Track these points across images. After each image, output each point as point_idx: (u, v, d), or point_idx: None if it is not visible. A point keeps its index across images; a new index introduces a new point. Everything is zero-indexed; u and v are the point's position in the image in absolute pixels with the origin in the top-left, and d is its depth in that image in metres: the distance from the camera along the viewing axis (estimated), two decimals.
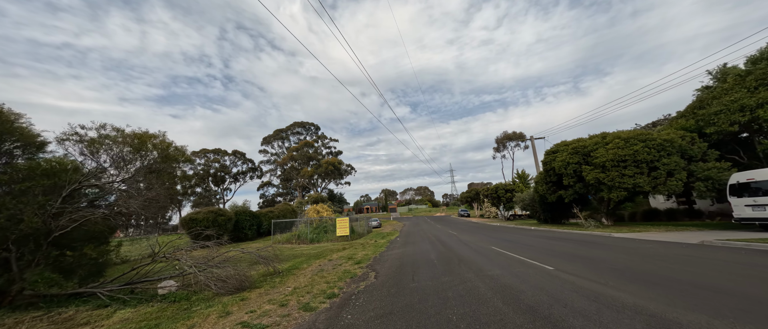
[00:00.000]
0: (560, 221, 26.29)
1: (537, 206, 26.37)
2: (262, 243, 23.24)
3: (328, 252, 16.30)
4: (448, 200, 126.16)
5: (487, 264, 9.44)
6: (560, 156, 20.17)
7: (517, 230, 22.29)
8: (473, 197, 54.45)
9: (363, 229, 30.35)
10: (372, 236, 25.52)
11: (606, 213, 20.17)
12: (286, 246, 21.58)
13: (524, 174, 50.21)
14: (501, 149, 63.32)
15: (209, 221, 21.43)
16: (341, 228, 23.38)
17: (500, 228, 25.51)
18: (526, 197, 28.02)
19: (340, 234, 23.28)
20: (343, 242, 21.61)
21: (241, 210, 26.22)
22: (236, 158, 74.66)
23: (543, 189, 22.37)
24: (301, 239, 23.23)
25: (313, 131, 70.07)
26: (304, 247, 20.41)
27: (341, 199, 59.22)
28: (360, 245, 18.64)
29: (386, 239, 21.65)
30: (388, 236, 24.88)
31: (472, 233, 22.42)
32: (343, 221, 23.57)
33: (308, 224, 24.07)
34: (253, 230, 26.55)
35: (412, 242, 18.56)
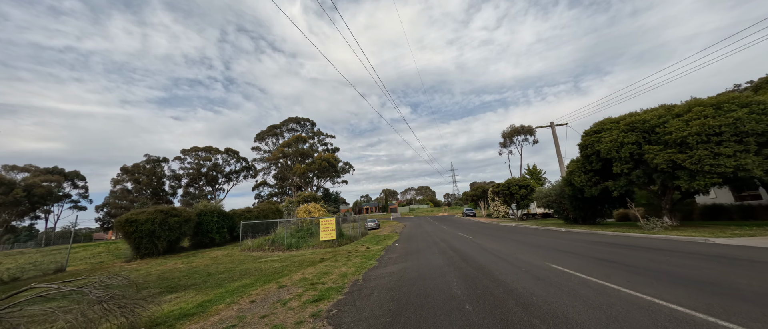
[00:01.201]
0: (593, 221, 21.10)
1: (566, 203, 21.16)
2: (223, 251, 18.15)
3: (294, 267, 11.17)
4: (450, 199, 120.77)
5: (590, 313, 4.29)
6: (608, 136, 14.99)
7: (550, 234, 17.08)
8: (479, 196, 49.21)
9: (356, 231, 25.21)
10: (365, 241, 20.39)
11: (669, 210, 14.95)
12: (252, 255, 16.49)
13: (535, 169, 44.99)
14: (507, 145, 58.07)
15: (155, 222, 16.35)
16: (325, 231, 18.25)
17: (524, 231, 20.30)
18: (550, 192, 22.81)
19: (325, 239, 18.16)
20: (326, 249, 16.51)
21: (206, 209, 21.11)
22: (229, 156, 69.74)
23: (580, 180, 17.17)
24: (277, 244, 18.12)
25: (308, 127, 65.05)
26: (274, 257, 15.31)
27: (337, 199, 54.07)
28: (345, 255, 13.53)
29: (381, 245, 16.52)
30: (385, 240, 19.72)
31: (492, 237, 17.20)
32: (328, 222, 18.46)
33: (287, 226, 18.94)
34: (223, 233, 21.44)
35: (415, 250, 13.38)
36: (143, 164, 63.05)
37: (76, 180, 65.46)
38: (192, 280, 9.84)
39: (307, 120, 64.72)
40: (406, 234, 23.71)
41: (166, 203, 61.45)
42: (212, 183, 68.70)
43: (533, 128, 54.56)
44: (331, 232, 18.19)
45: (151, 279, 10.58)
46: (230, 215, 23.24)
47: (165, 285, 9.34)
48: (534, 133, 54.71)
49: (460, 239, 16.39)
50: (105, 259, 17.23)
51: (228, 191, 70.95)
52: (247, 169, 71.42)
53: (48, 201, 52.32)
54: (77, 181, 65.80)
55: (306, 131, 63.09)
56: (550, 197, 22.56)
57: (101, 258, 17.51)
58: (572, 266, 7.56)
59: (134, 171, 61.31)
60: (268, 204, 28.79)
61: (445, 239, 16.98)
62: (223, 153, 68.59)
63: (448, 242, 15.64)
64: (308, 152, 53.64)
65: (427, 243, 15.68)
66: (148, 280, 10.41)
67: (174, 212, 17.52)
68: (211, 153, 67.27)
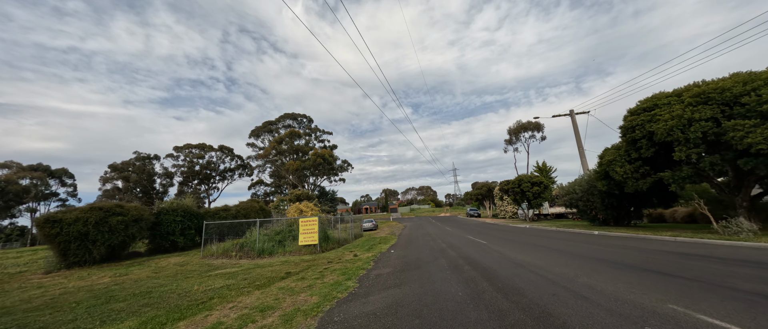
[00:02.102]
0: (627, 223, 17.44)
1: (595, 201, 17.48)
2: (179, 258, 14.58)
3: (240, 287, 7.56)
4: (452, 200, 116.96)
5: None
6: (666, 112, 11.33)
7: (586, 240, 13.42)
8: (485, 195, 45.48)
9: (348, 234, 21.60)
10: (356, 245, 16.78)
11: (748, 208, 11.26)
12: (211, 263, 12.93)
13: (545, 167, 41.24)
14: (513, 142, 54.32)
15: (88, 223, 12.78)
16: (305, 234, 14.65)
17: (546, 234, 16.64)
18: (573, 188, 19.13)
19: (304, 243, 14.56)
20: (304, 257, 12.94)
21: (169, 207, 17.56)
22: (223, 153, 66.29)
23: (623, 172, 13.49)
24: (246, 250, 14.53)
25: (305, 123, 61.52)
26: (234, 267, 11.75)
27: (334, 198, 50.42)
28: (321, 267, 9.95)
29: (374, 252, 12.91)
30: (379, 245, 16.10)
31: (512, 243, 13.54)
32: (308, 223, 14.86)
33: (259, 228, 15.34)
34: (191, 235, 17.87)
35: (416, 263, 9.74)
36: (133, 161, 59.71)
37: (64, 178, 62.23)
38: (71, 313, 6.28)
39: (304, 116, 61.21)
40: (405, 238, 20.05)
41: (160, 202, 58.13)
42: (206, 182, 65.29)
43: (541, 124, 50.83)
44: (313, 235, 14.59)
45: (25, 307, 7.02)
46: (201, 214, 19.67)
47: (19, 321, 5.77)
48: (542, 129, 50.99)
49: (472, 246, 12.73)
50: (32, 268, 13.69)
51: (222, 190, 67.55)
52: (243, 167, 67.98)
53: (25, 199, 48.88)
54: (65, 179, 62.57)
55: (303, 128, 59.56)
56: (575, 194, 18.87)
57: (28, 267, 13.97)
58: (713, 310, 3.92)
59: (123, 169, 57.95)
60: (251, 202, 25.21)
61: (453, 245, 13.33)
62: (216, 150, 65.15)
63: (457, 249, 11.98)
64: (304, 149, 50.07)
65: (432, 251, 12.03)
66: (17, 309, 6.88)
67: (117, 211, 13.94)
68: (205, 150, 63.82)
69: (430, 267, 8.48)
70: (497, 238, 15.33)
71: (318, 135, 59.83)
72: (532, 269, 7.25)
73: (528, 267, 7.48)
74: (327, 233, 16.31)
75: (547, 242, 12.38)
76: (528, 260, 8.56)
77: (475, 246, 12.43)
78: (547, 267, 7.42)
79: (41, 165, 60.12)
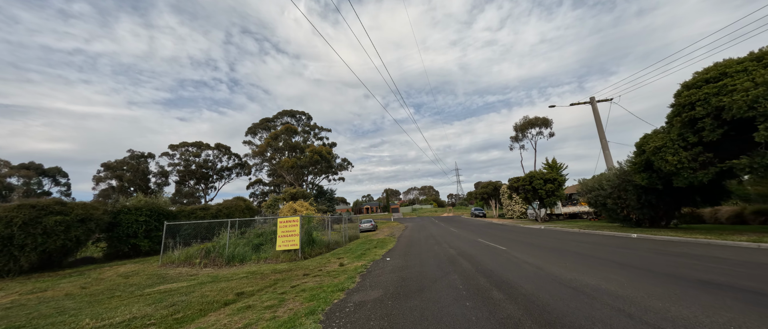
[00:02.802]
0: (665, 224, 14.66)
1: (629, 198, 14.68)
2: (134, 266, 11.99)
3: (161, 320, 4.89)
4: (455, 200, 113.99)
5: None
6: (747, 79, 8.58)
7: (627, 244, 10.68)
8: (490, 194, 42.65)
9: (341, 235, 18.93)
10: (348, 250, 14.12)
11: None
12: (166, 274, 10.33)
13: (556, 163, 38.32)
14: (520, 139, 51.47)
15: (13, 224, 10.20)
16: (284, 237, 12.01)
17: (573, 238, 13.90)
18: (600, 183, 16.33)
19: (283, 248, 11.92)
20: (279, 266, 10.30)
21: (132, 205, 15.00)
22: (221, 152, 63.96)
23: (675, 161, 10.69)
24: (212, 257, 11.90)
25: (304, 121, 58.98)
26: (193, 278, 9.17)
27: (332, 197, 47.76)
28: (295, 281, 7.34)
29: (365, 260, 10.23)
30: (375, 249, 13.41)
31: (540, 250, 10.80)
32: (288, 224, 12.21)
33: (229, 230, 12.68)
34: (158, 237, 15.25)
35: (418, 280, 7.03)
36: (127, 160, 57.50)
37: (57, 177, 60.15)
38: None
39: (303, 113, 58.68)
40: (405, 240, 17.35)
41: None
42: (203, 181, 62.99)
43: (549, 120, 47.98)
44: (293, 239, 11.94)
45: None
46: (174, 213, 17.10)
47: None
48: (550, 125, 48.12)
49: (489, 253, 10.00)
50: None
51: (219, 189, 65.23)
52: (240, 166, 65.62)
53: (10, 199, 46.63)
54: (59, 178, 60.47)
55: (301, 125, 57.03)
56: (601, 191, 16.06)
57: None
58: None
59: (117, 168, 55.72)
60: (236, 201, 22.63)
61: (464, 253, 10.60)
62: (213, 149, 62.83)
63: (471, 258, 9.26)
64: (301, 146, 47.50)
65: (438, 260, 9.32)
66: None
67: (56, 209, 11.34)
68: (201, 148, 61.53)
69: (439, 289, 5.77)
70: (516, 242, 12.58)
71: (316, 132, 57.28)
72: (603, 296, 4.52)
73: (591, 293, 4.76)
74: (312, 235, 13.66)
75: (585, 249, 9.64)
76: (582, 279, 5.83)
77: (492, 254, 9.71)
78: (623, 293, 4.69)
79: (33, 164, 58.04)
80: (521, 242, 12.38)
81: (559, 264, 7.51)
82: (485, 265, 7.85)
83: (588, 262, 7.50)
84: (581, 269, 6.71)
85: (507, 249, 10.45)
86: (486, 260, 8.60)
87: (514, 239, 13.96)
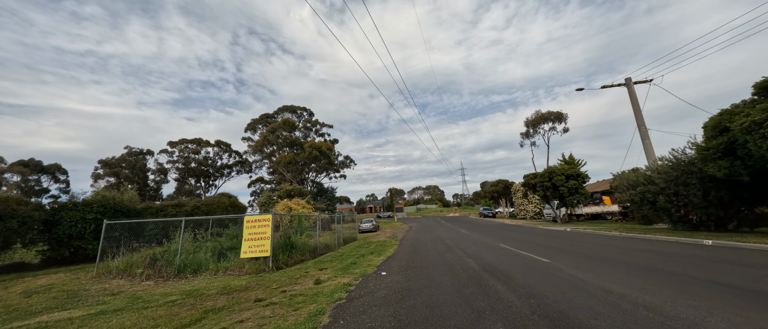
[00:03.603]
0: (735, 227, 11.48)
1: (692, 194, 11.50)
2: (58, 277, 9.26)
3: None
4: (460, 200, 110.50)
5: None
6: None
7: (703, 253, 7.55)
8: (501, 192, 39.39)
9: (334, 238, 16.03)
10: (337, 257, 11.20)
11: None
12: (94, 288, 7.56)
13: (573, 159, 34.95)
14: (531, 135, 47.94)
15: None
16: (252, 242, 9.15)
17: (622, 244, 10.82)
18: (652, 178, 13.14)
19: (250, 256, 9.06)
20: (235, 282, 7.45)
21: (79, 201, 12.32)
22: (221, 149, 61.75)
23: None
24: (158, 266, 9.09)
25: (305, 117, 56.35)
26: (114, 297, 6.36)
27: (333, 196, 44.91)
28: (241, 312, 4.42)
29: (351, 277, 7.31)
30: (369, 258, 10.47)
31: (615, 266, 7.70)
32: (257, 225, 9.32)
33: (183, 232, 9.83)
34: (111, 238, 12.50)
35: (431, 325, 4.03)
36: (125, 157, 55.57)
37: (57, 174, 58.52)
38: None
39: (305, 109, 56.04)
40: (408, 245, 14.39)
41: (151, 200, 53.63)
42: (203, 178, 60.84)
43: (563, 114, 44.47)
44: (262, 243, 9.08)
45: None
46: (138, 211, 14.43)
47: None
48: (564, 119, 44.61)
49: (528, 268, 6.97)
50: None
51: (219, 187, 63.02)
52: (241, 163, 63.35)
53: None
54: (58, 175, 58.86)
55: (302, 121, 54.41)
56: (651, 185, 12.87)
57: None
58: None
59: (114, 165, 53.79)
60: (219, 197, 19.93)
61: (492, 267, 7.60)
62: (213, 146, 60.64)
63: (508, 278, 6.25)
64: (301, 142, 44.81)
65: (456, 280, 6.33)
66: None
67: None
68: (201, 145, 59.35)
69: None
70: (551, 250, 9.53)
71: (318, 129, 54.60)
72: None
73: None
74: (291, 239, 10.76)
75: (657, 262, 6.58)
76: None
77: (533, 270, 6.69)
78: None
79: (33, 160, 56.47)
80: (558, 250, 9.33)
81: (647, 289, 4.49)
82: (537, 293, 4.85)
83: (693, 286, 4.47)
84: (693, 298, 3.67)
85: (551, 262, 7.41)
86: (531, 282, 5.60)
87: (545, 245, 10.90)
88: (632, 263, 6.91)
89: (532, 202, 34.49)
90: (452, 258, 9.15)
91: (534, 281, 5.58)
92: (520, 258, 8.34)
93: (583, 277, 5.65)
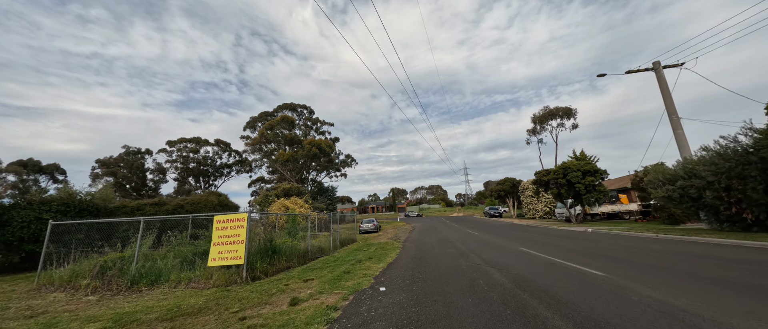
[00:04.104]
0: None
1: (751, 188, 9.59)
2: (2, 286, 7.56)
3: None
4: (463, 199, 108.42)
5: None
6: None
7: None
8: (508, 191, 37.46)
9: (329, 240, 14.26)
10: (328, 263, 9.42)
11: None
12: (20, 306, 5.83)
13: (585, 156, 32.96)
14: (538, 131, 45.94)
15: None
16: (223, 246, 7.39)
17: (671, 247, 8.95)
18: (697, 171, 11.23)
19: (218, 264, 7.30)
20: (193, 300, 5.68)
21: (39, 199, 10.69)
22: (220, 148, 60.26)
23: None
24: (111, 275, 7.37)
25: (305, 115, 54.76)
26: (34, 320, 4.60)
27: (333, 196, 43.17)
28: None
29: (338, 296, 5.51)
30: (365, 265, 8.66)
31: (711, 284, 5.79)
32: (228, 226, 7.57)
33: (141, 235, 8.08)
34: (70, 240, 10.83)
35: None
36: (123, 156, 54.27)
37: (55, 174, 57.39)
38: None
39: (305, 107, 54.42)
40: (412, 248, 12.59)
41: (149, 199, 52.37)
42: (202, 178, 59.42)
43: (572, 109, 42.44)
44: (235, 249, 7.33)
45: None
46: (108, 209, 12.77)
47: None
48: (574, 115, 42.59)
49: (582, 284, 5.13)
50: None
51: (219, 187, 61.55)
52: (241, 163, 61.84)
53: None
54: (57, 175, 57.74)
55: (302, 119, 52.80)
56: (695, 179, 10.97)
57: None
58: None
59: (111, 164, 52.50)
60: (206, 196, 18.25)
61: (529, 282, 5.77)
62: (213, 145, 59.16)
63: (559, 301, 4.42)
64: (298, 139, 43.11)
65: (487, 310, 4.50)
66: None
67: None
68: (200, 145, 57.90)
69: None
70: (591, 256, 7.68)
71: (318, 127, 52.92)
72: None
73: None
74: (274, 243, 8.99)
75: (740, 276, 4.73)
76: None
77: (591, 287, 4.85)
78: None
79: (31, 160, 55.30)
80: (599, 256, 7.48)
81: None
82: None
83: None
84: None
85: (605, 275, 5.57)
86: (603, 311, 3.77)
87: (575, 249, 9.05)
88: (717, 278, 5.07)
89: (542, 201, 32.54)
90: (469, 266, 7.34)
91: (606, 309, 3.76)
92: (558, 267, 6.52)
93: (678, 303, 3.82)
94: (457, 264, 7.78)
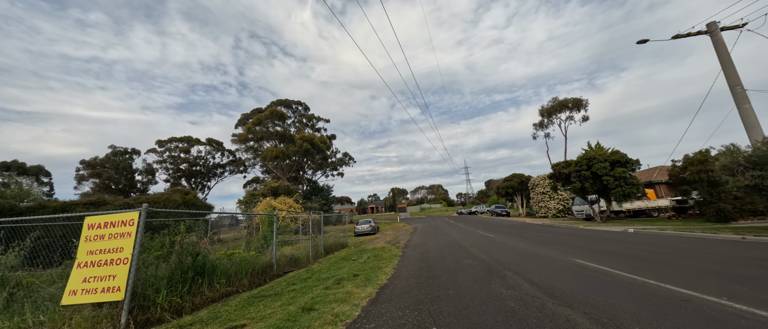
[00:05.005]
0: None
1: None
2: None
3: None
4: (464, 199, 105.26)
5: None
6: None
7: None
8: (516, 188, 34.31)
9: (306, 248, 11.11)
10: (291, 286, 6.30)
11: None
12: None
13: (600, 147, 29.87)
14: (545, 125, 42.79)
15: None
16: (92, 269, 4.26)
17: None
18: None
19: (81, 302, 4.17)
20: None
21: None
22: (212, 148, 57.20)
23: None
24: None
25: (300, 111, 51.69)
26: None
27: (328, 195, 40.07)
28: None
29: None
30: (347, 289, 5.52)
31: None
32: (105, 234, 4.49)
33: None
34: (19, 251, 7.60)
35: None
36: (109, 157, 51.21)
37: (40, 176, 54.31)
38: None
39: (299, 103, 51.35)
40: (416, 256, 9.47)
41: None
42: (194, 179, 56.31)
43: (583, 100, 39.31)
44: (112, 272, 4.15)
45: None
46: (18, 210, 9.68)
47: None
48: (584, 106, 39.46)
49: None
50: None
51: (212, 188, 58.49)
52: (234, 163, 58.75)
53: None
54: (42, 177, 54.68)
55: (297, 115, 49.75)
56: None
57: None
58: None
59: (96, 165, 49.44)
60: (171, 193, 15.17)
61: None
62: (205, 144, 56.13)
63: None
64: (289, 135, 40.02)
65: None
66: None
67: None
68: (191, 144, 54.84)
69: None
70: (715, 276, 4.56)
71: (313, 123, 49.86)
72: None
73: None
74: (200, 257, 5.82)
75: None
76: None
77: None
78: None
79: (16, 162, 52.26)
80: (709, 273, 4.35)
81: None
82: None
83: None
84: None
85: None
86: None
87: (656, 260, 5.92)
88: None
89: (555, 198, 29.43)
90: (513, 297, 4.22)
91: None
92: (671, 299, 3.39)
93: None
94: (489, 290, 4.67)
